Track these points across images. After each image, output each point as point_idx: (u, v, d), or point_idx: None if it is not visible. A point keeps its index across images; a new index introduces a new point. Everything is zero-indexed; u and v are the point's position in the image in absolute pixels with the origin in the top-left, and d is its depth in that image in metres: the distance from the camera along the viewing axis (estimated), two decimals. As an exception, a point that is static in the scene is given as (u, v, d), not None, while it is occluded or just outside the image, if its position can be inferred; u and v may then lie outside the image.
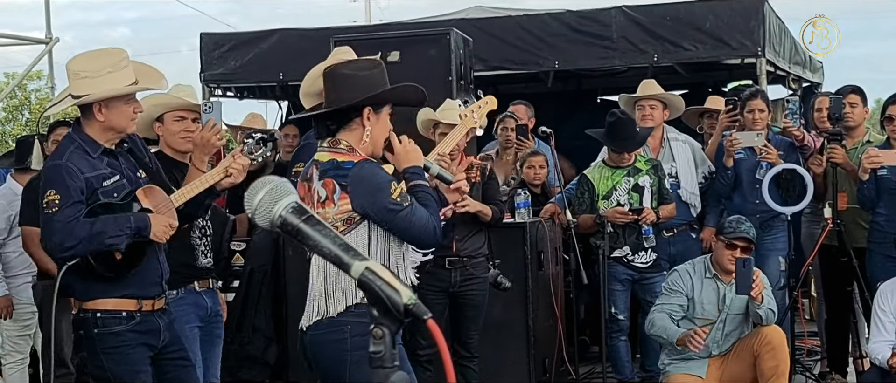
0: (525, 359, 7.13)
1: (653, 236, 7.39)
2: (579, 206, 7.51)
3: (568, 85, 11.27)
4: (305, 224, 2.11)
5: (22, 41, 17.89)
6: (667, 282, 6.94)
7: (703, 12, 9.04)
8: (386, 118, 4.27)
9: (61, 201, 4.42)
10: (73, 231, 4.40)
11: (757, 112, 7.62)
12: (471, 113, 5.89)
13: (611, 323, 7.41)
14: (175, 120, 5.43)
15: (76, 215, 4.42)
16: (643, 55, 9.22)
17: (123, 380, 4.60)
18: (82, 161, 4.55)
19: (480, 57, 8.58)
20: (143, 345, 4.67)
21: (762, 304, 6.46)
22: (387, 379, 1.95)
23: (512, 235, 7.08)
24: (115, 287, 4.60)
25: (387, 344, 1.97)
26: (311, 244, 2.09)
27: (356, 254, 2.02)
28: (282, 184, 2.27)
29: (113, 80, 4.61)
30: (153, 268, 4.73)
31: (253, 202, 2.25)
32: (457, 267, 6.45)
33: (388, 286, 1.96)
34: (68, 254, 4.45)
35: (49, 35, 16.46)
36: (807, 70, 11.01)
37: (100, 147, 4.63)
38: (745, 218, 6.82)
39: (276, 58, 9.86)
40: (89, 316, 4.60)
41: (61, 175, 4.49)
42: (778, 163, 7.44)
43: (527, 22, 9.54)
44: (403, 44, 6.97)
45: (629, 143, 7.47)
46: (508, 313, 7.09)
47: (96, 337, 4.59)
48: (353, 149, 4.17)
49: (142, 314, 4.67)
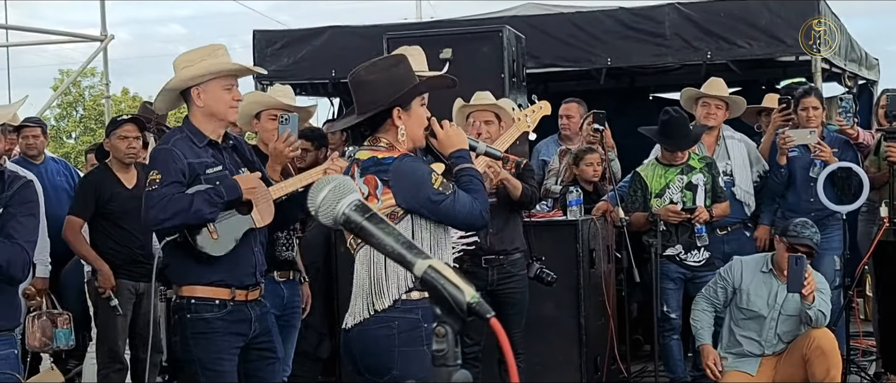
0: (576, 358, 7.11)
1: (706, 235, 7.34)
2: (632, 204, 7.47)
3: (620, 82, 11.23)
4: (369, 221, 2.12)
5: (77, 39, 18.09)
6: (722, 269, 6.97)
7: (758, 9, 8.97)
8: (419, 110, 4.25)
9: (162, 180, 4.66)
10: (166, 205, 4.61)
11: (811, 109, 7.55)
12: (525, 116, 5.84)
13: (663, 322, 7.37)
14: (270, 118, 5.81)
15: (172, 193, 4.63)
16: (697, 52, 9.16)
17: (206, 366, 4.77)
18: (187, 148, 4.77)
19: (533, 54, 8.56)
20: (232, 334, 4.83)
21: (813, 305, 6.40)
22: (449, 377, 1.95)
23: (564, 233, 7.07)
24: (209, 271, 4.78)
25: (450, 342, 1.97)
26: (375, 242, 2.10)
27: (419, 251, 2.02)
28: (345, 181, 2.28)
29: (209, 64, 4.87)
30: (248, 259, 4.89)
31: (316, 200, 2.26)
32: (494, 265, 6.44)
33: (451, 284, 1.96)
34: (163, 226, 4.68)
35: (104, 32, 16.59)
36: (863, 67, 10.88)
37: (205, 138, 4.85)
38: (811, 222, 6.72)
39: (329, 55, 9.89)
40: (184, 301, 4.80)
41: (165, 157, 4.73)
42: (832, 161, 7.37)
43: (579, 19, 9.51)
44: (456, 41, 6.97)
45: (683, 142, 7.42)
46: (560, 311, 7.08)
47: (188, 321, 4.78)
48: (392, 146, 4.18)
49: (234, 303, 4.82)
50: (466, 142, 4.35)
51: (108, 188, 7.03)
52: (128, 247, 6.99)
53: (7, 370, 4.17)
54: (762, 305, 6.69)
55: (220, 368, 4.78)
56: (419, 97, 4.25)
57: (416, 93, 4.23)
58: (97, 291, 7.03)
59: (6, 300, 4.22)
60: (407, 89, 4.19)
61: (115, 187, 7.05)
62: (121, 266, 7.00)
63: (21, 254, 4.08)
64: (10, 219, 4.12)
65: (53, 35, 18.74)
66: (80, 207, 7.07)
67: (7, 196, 4.15)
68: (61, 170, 8.98)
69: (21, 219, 4.15)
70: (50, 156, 9.18)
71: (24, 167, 7.82)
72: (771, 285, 6.70)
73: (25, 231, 4.15)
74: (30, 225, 4.20)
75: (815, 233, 6.61)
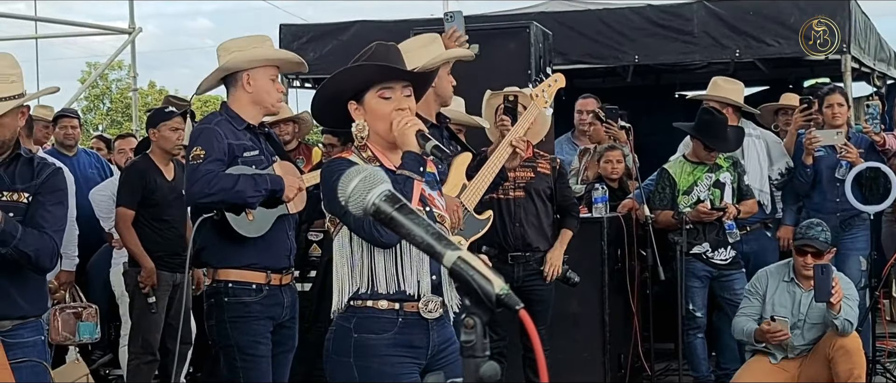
0: (600, 355, 7.10)
1: (737, 231, 7.32)
2: (660, 201, 7.44)
3: (646, 80, 11.20)
4: (398, 212, 2.12)
5: (105, 31, 18.17)
6: (748, 284, 6.90)
7: (787, 7, 8.92)
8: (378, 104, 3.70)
9: (206, 155, 4.71)
10: (211, 181, 4.66)
11: (836, 106, 7.51)
12: (541, 92, 5.81)
13: (688, 320, 7.35)
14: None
15: (217, 170, 4.68)
16: (725, 50, 9.12)
17: (243, 350, 4.82)
18: (228, 129, 4.83)
19: (560, 51, 8.55)
20: (267, 318, 4.89)
21: (840, 314, 6.34)
22: (478, 368, 1.96)
23: (589, 230, 7.05)
24: (244, 252, 4.82)
25: (478, 334, 1.97)
26: (404, 232, 2.10)
27: (449, 243, 2.02)
28: (375, 172, 2.29)
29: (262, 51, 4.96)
30: (282, 243, 4.95)
31: (347, 190, 2.27)
32: (520, 262, 6.44)
33: (480, 275, 1.96)
34: (206, 201, 4.70)
35: (132, 25, 16.67)
36: (892, 67, 10.82)
37: (244, 122, 4.91)
38: (816, 222, 6.68)
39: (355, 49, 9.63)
40: (221, 285, 4.84)
41: (208, 135, 4.79)
42: (858, 162, 7.34)
43: (607, 16, 9.49)
44: (483, 37, 6.96)
45: (726, 144, 7.39)
46: (584, 308, 7.08)
47: (226, 305, 4.82)
48: (364, 146, 3.77)
49: (270, 287, 4.87)
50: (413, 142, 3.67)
51: (151, 178, 7.04)
52: (167, 239, 7.02)
53: (34, 357, 4.19)
54: (787, 315, 6.64)
55: (256, 352, 4.83)
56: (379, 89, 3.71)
57: (367, 85, 3.72)
58: (137, 282, 7.04)
59: (34, 286, 4.24)
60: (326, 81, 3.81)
61: (158, 177, 7.07)
62: (160, 257, 7.02)
63: (49, 243, 4.10)
64: (39, 207, 4.13)
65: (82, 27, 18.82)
66: (127, 198, 7.04)
67: (37, 184, 4.17)
68: (93, 163, 9.07)
69: (50, 207, 4.16)
70: (82, 149, 9.26)
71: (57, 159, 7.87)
72: (794, 294, 6.65)
73: (54, 219, 4.17)
74: (58, 213, 4.21)
75: (822, 232, 6.55)
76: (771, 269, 6.81)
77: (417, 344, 3.72)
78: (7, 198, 4.11)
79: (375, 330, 3.67)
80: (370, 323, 3.67)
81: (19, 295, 4.13)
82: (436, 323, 3.75)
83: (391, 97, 3.72)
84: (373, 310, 3.67)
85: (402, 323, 3.68)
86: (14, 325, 4.13)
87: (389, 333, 3.67)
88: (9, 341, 4.07)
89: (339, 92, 3.76)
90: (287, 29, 10.30)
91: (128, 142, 8.82)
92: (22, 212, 4.10)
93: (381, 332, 3.67)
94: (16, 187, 4.14)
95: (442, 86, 5.37)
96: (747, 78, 8.90)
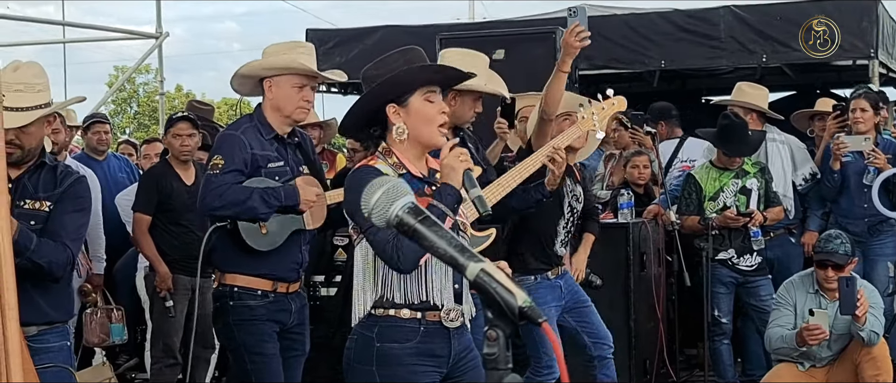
0: (626, 360, 7.07)
1: (762, 238, 7.28)
2: (686, 207, 7.41)
3: (672, 85, 11.17)
4: (421, 224, 2.12)
5: (132, 35, 18.25)
6: (777, 295, 6.84)
7: (814, 12, 8.88)
8: (422, 106, 3.69)
9: (224, 166, 4.69)
10: (223, 194, 4.65)
11: (859, 111, 7.46)
12: (591, 114, 5.32)
13: (713, 326, 7.33)
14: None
15: (231, 182, 4.66)
16: (752, 55, 9.10)
17: (251, 350, 4.82)
18: (254, 138, 4.80)
19: (586, 55, 8.53)
20: (273, 321, 4.88)
21: (865, 326, 6.29)
22: (501, 380, 1.95)
23: (615, 235, 7.04)
24: (253, 263, 4.82)
25: (501, 346, 1.97)
26: (427, 244, 2.09)
27: (472, 255, 2.02)
28: (398, 184, 2.28)
29: (285, 59, 4.90)
30: (293, 255, 4.93)
31: (370, 202, 2.27)
32: None
33: (503, 288, 1.96)
34: (215, 213, 4.71)
35: (159, 29, 16.75)
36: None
37: (272, 132, 4.88)
38: (835, 234, 6.56)
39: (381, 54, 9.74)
40: (227, 289, 4.85)
41: (231, 144, 4.76)
42: (886, 168, 7.28)
43: (634, 21, 9.48)
44: (509, 42, 6.97)
45: (744, 148, 7.35)
46: (610, 313, 7.03)
47: (231, 308, 4.83)
48: (389, 152, 3.75)
49: (276, 294, 4.87)
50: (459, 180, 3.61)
51: (168, 183, 7.08)
52: (185, 243, 7.04)
53: (60, 362, 4.22)
54: None
55: (264, 351, 4.84)
56: (425, 92, 3.71)
57: (413, 86, 3.70)
58: (155, 287, 7.09)
59: (60, 292, 4.26)
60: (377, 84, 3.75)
61: (175, 182, 7.10)
62: (178, 261, 7.05)
63: (64, 253, 4.11)
64: (58, 215, 4.17)
65: (109, 32, 18.94)
66: (143, 203, 7.09)
67: (58, 192, 4.20)
68: (123, 167, 9.15)
69: (68, 215, 4.19)
70: (112, 153, 9.33)
71: (86, 164, 7.95)
72: (819, 306, 6.59)
73: (72, 228, 4.20)
74: (77, 221, 4.24)
75: (841, 244, 6.41)
76: (795, 281, 6.73)
77: (439, 353, 3.72)
78: (29, 206, 4.14)
79: (398, 339, 3.67)
80: (393, 332, 3.67)
81: (44, 301, 4.16)
82: (456, 331, 3.76)
83: (435, 101, 3.74)
84: (395, 319, 3.67)
85: (424, 332, 3.69)
86: (40, 331, 4.16)
87: (412, 342, 3.67)
88: (35, 346, 4.09)
89: (383, 94, 3.74)
90: (314, 33, 10.35)
91: (153, 147, 8.86)
92: (43, 220, 4.14)
93: (403, 341, 3.67)
94: (38, 195, 4.17)
95: (463, 110, 5.32)
96: (774, 83, 8.86)
